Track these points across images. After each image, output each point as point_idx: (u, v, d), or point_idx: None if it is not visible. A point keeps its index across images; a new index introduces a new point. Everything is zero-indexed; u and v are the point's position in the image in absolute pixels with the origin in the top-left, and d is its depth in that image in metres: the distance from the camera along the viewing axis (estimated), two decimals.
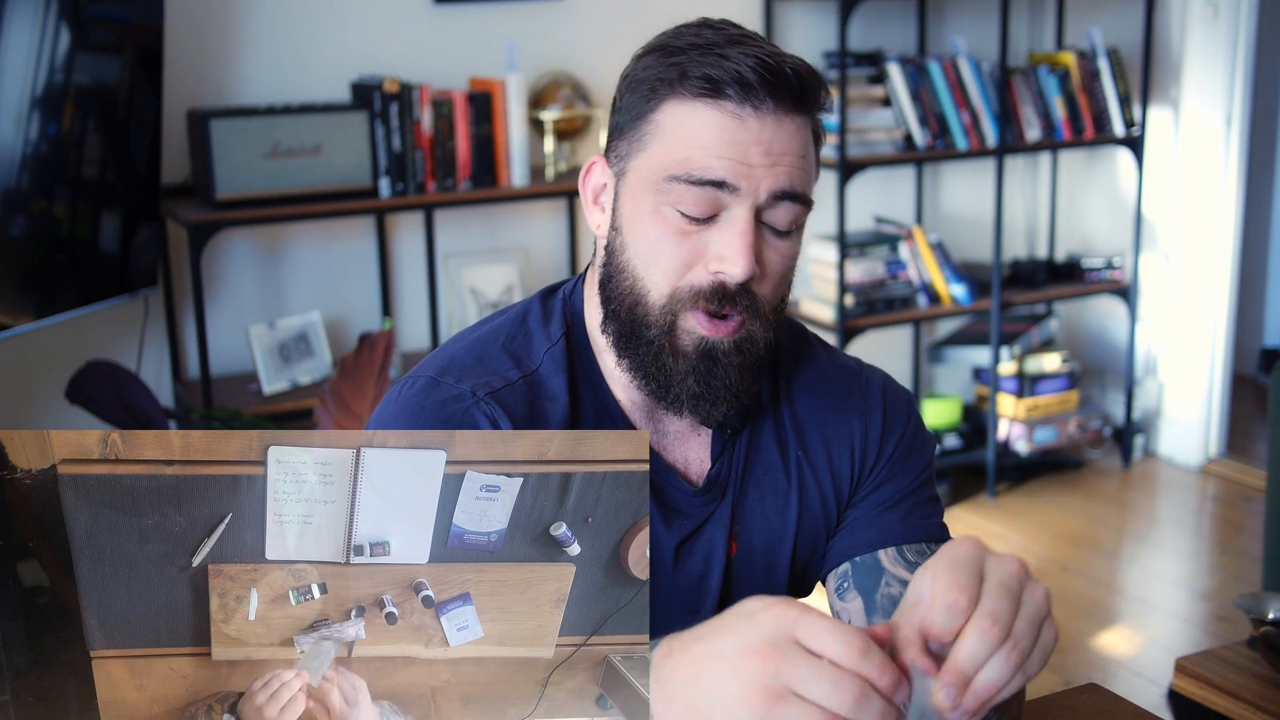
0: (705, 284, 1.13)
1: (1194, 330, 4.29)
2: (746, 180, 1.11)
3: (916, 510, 1.28)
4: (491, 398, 1.17)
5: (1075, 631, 3.29)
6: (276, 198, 3.16)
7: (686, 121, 1.12)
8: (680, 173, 1.11)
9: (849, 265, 3.87)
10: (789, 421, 1.27)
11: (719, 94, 1.10)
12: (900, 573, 1.23)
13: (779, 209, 1.13)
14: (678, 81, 1.12)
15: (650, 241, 1.14)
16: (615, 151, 1.18)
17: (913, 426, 1.31)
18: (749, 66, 1.10)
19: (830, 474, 1.27)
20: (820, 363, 1.31)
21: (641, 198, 1.14)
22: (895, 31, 4.21)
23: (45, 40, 2.78)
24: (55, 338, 3.18)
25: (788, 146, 1.12)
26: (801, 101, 1.13)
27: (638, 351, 1.16)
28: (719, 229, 1.12)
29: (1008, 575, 0.87)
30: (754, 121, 1.11)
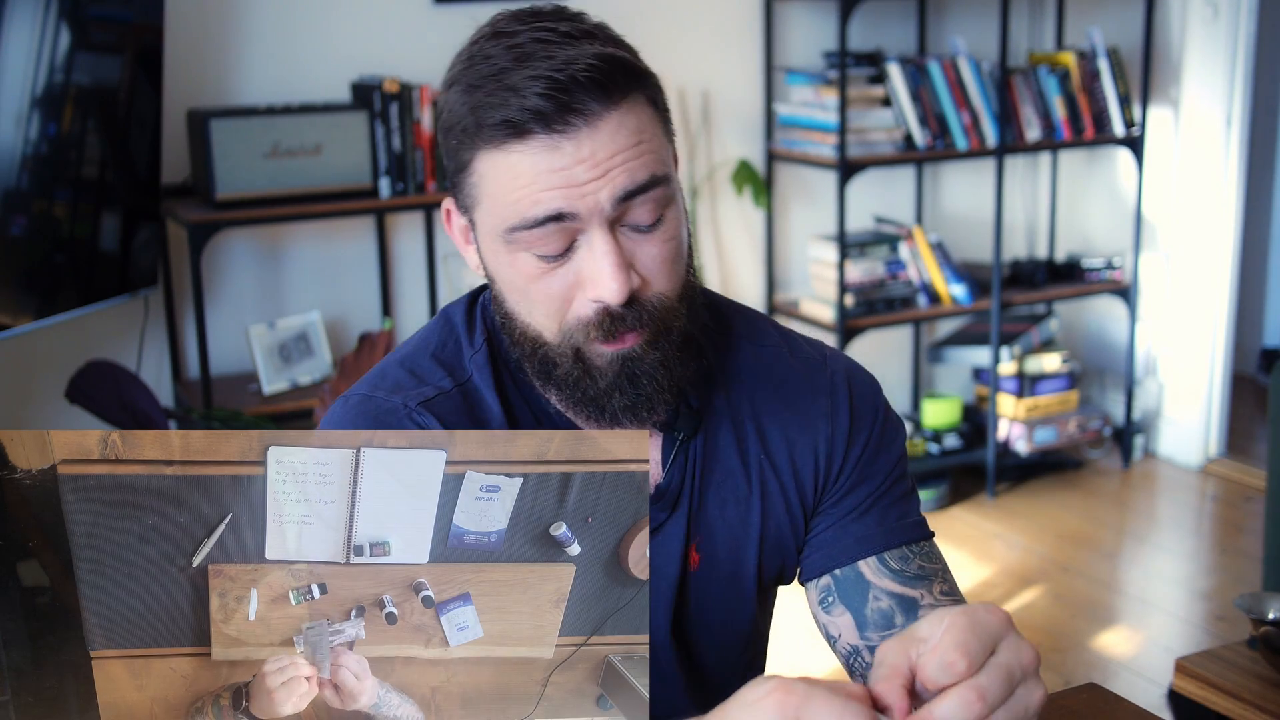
0: (590, 314, 1.09)
1: (1194, 330, 4.29)
2: (583, 201, 1.05)
3: (892, 511, 1.24)
4: (424, 407, 1.15)
5: (1075, 631, 3.29)
6: (276, 198, 3.16)
7: (502, 169, 1.07)
8: (516, 221, 1.07)
9: (849, 265, 3.87)
10: (749, 421, 1.23)
11: (523, 134, 1.05)
12: (886, 584, 1.21)
13: (633, 207, 1.08)
14: (478, 131, 1.06)
15: (520, 290, 1.11)
16: (458, 201, 1.14)
17: (881, 422, 1.27)
18: (538, 94, 1.03)
19: (794, 476, 1.23)
20: (780, 356, 1.26)
21: (496, 250, 1.11)
22: (895, 31, 4.21)
23: (45, 40, 2.78)
24: (55, 338, 3.18)
25: (613, 147, 1.06)
26: (608, 97, 1.05)
27: (558, 384, 1.14)
28: (583, 255, 1.08)
29: (1015, 662, 0.85)
30: (567, 143, 1.04)
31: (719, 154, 4.01)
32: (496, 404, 1.17)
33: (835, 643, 1.23)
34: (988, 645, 0.85)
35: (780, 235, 4.16)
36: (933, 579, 1.22)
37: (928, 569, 1.23)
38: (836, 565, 1.23)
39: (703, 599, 1.23)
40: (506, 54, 1.06)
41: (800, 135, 3.91)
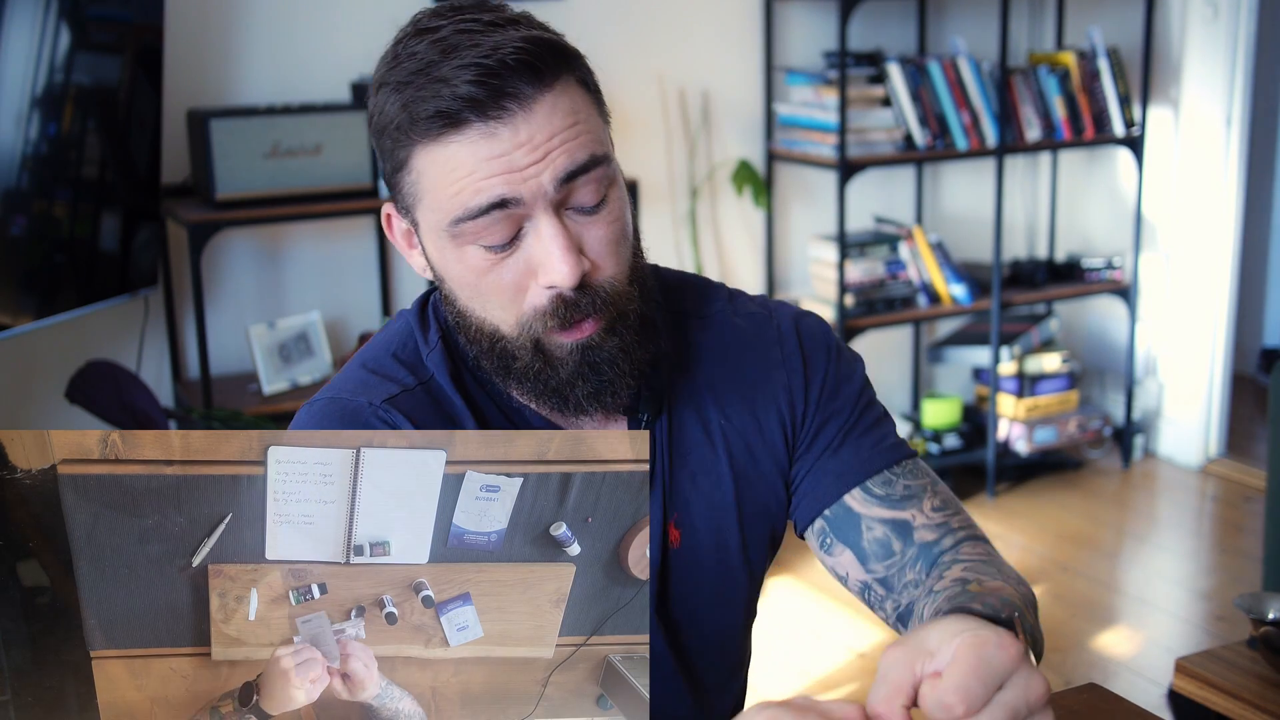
0: (545, 302, 1.09)
1: (1194, 330, 4.29)
2: (525, 186, 1.05)
3: (865, 439, 1.23)
4: (390, 404, 1.14)
5: (1075, 631, 3.29)
6: (276, 198, 3.16)
7: (440, 162, 1.06)
8: (460, 213, 1.06)
9: (849, 265, 3.87)
10: (705, 390, 1.23)
11: (458, 124, 1.04)
12: (875, 512, 1.20)
13: (576, 189, 1.07)
14: (411, 126, 1.06)
15: (471, 285, 1.10)
16: (399, 202, 1.13)
17: (834, 357, 1.26)
18: (469, 82, 1.03)
19: (760, 434, 1.23)
20: (725, 318, 1.26)
21: (443, 248, 1.10)
22: (895, 31, 4.21)
23: (45, 40, 2.78)
24: (55, 338, 3.18)
25: (551, 129, 1.05)
26: (539, 79, 1.05)
27: (519, 379, 1.13)
28: (531, 243, 1.08)
29: (1022, 700, 0.83)
30: (503, 129, 1.04)
31: (719, 154, 4.01)
32: (459, 400, 1.17)
33: (845, 581, 1.23)
34: (992, 685, 0.83)
35: (780, 235, 4.16)
36: (921, 496, 1.21)
37: (913, 487, 1.22)
38: (825, 506, 1.22)
39: (688, 576, 1.23)
40: (432, 48, 1.06)
41: (800, 135, 3.91)
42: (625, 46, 3.82)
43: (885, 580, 1.19)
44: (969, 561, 1.15)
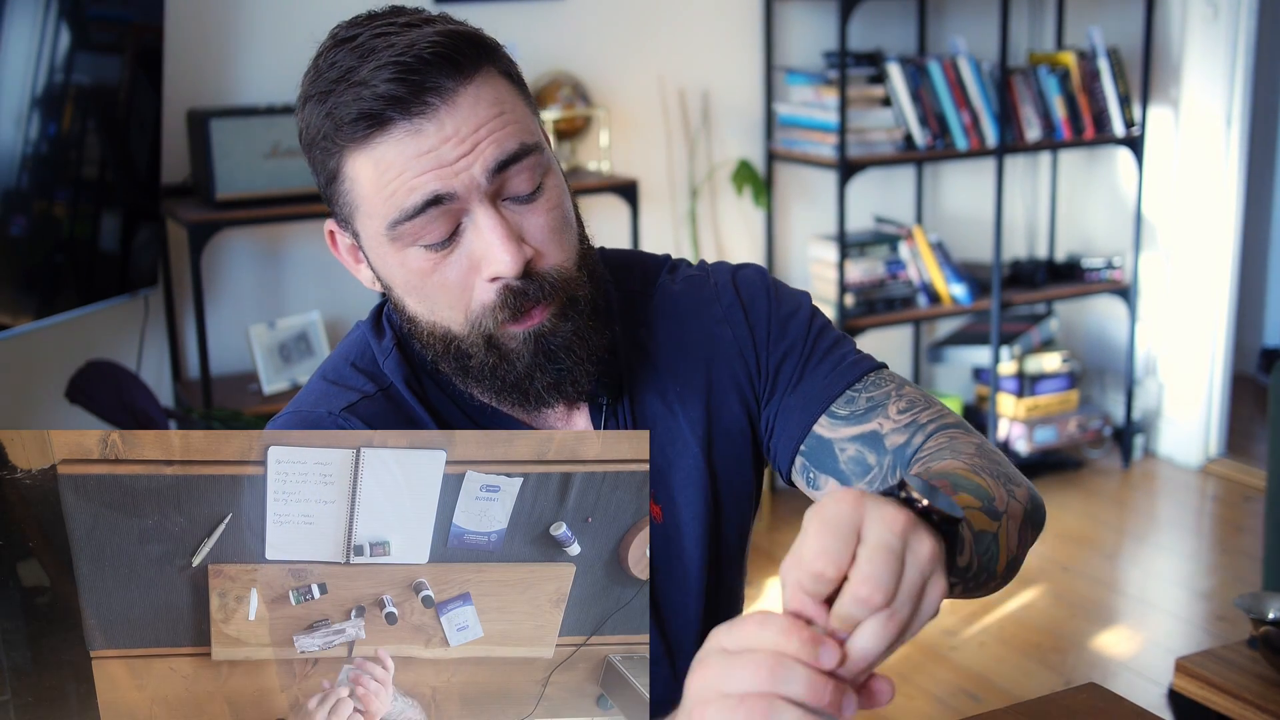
0: (492, 296, 1.08)
1: (1194, 330, 4.29)
2: (457, 180, 1.05)
3: (822, 366, 1.22)
4: (348, 412, 1.14)
5: (1075, 631, 3.29)
6: (276, 198, 3.16)
7: (370, 167, 1.06)
8: (395, 215, 1.06)
9: (849, 265, 3.87)
10: (658, 362, 1.23)
11: (382, 124, 1.04)
12: (843, 432, 1.19)
13: (509, 179, 1.07)
14: (336, 133, 1.06)
15: (417, 288, 1.10)
16: (337, 215, 1.13)
17: (774, 298, 1.25)
18: (389, 81, 1.03)
19: (717, 393, 1.23)
20: (665, 288, 1.26)
21: (385, 254, 1.10)
22: (895, 31, 4.21)
23: (45, 40, 2.78)
24: (55, 338, 3.18)
25: (477, 120, 1.05)
26: (459, 71, 1.05)
27: (477, 377, 1.13)
28: (470, 238, 1.07)
29: (888, 534, 0.80)
30: (429, 124, 1.04)
31: (719, 154, 4.01)
32: (419, 405, 1.17)
33: None
34: (850, 534, 0.80)
35: (780, 235, 4.16)
36: (885, 404, 1.20)
37: (876, 397, 1.20)
38: (798, 441, 1.21)
39: (673, 548, 1.22)
40: (350, 55, 1.06)
41: (800, 135, 3.91)
42: (625, 46, 3.82)
43: None
44: (928, 454, 1.13)
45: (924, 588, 0.81)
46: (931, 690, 3.01)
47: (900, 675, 3.06)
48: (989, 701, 2.94)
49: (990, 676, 3.06)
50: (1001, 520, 1.05)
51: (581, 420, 1.21)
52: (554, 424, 1.21)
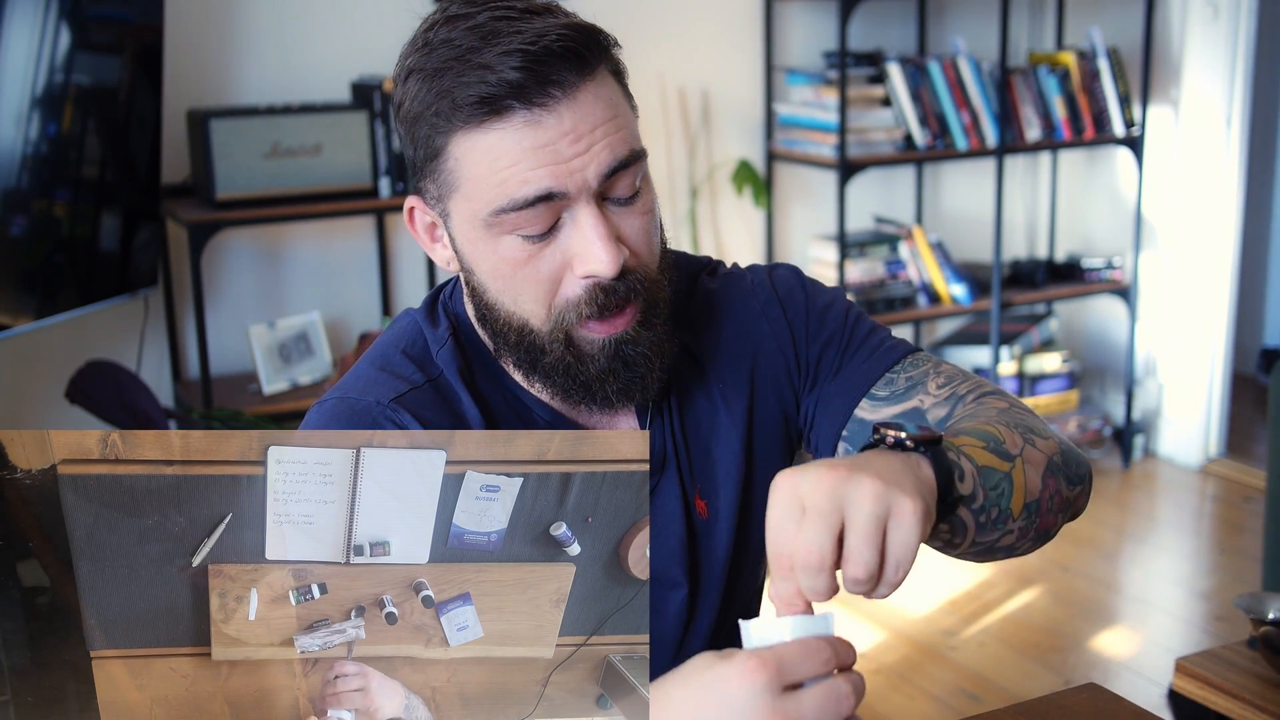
0: (581, 292, 1.08)
1: (1194, 330, 4.29)
2: (570, 178, 1.04)
3: (860, 352, 1.23)
4: (397, 403, 1.13)
5: (1075, 631, 3.29)
6: (276, 198, 3.16)
7: (483, 150, 1.04)
8: (504, 203, 1.05)
9: (849, 265, 3.87)
10: (701, 360, 1.24)
11: (502, 111, 1.03)
12: (884, 412, 1.20)
13: (615, 181, 1.07)
14: (452, 113, 1.04)
15: (506, 276, 1.09)
16: (427, 193, 1.12)
17: (809, 291, 1.27)
18: (514, 69, 1.02)
19: (757, 386, 1.24)
20: (707, 285, 1.27)
21: (476, 238, 1.09)
22: (895, 31, 4.21)
23: (45, 40, 2.78)
24: (55, 338, 3.18)
25: (594, 119, 1.05)
26: (584, 68, 1.05)
27: (547, 374, 1.13)
28: (569, 233, 1.07)
29: (867, 518, 0.86)
30: (549, 117, 1.03)
31: (719, 154, 4.01)
32: (468, 396, 1.16)
33: None
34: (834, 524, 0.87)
35: (780, 235, 4.16)
36: (924, 381, 1.21)
37: (915, 376, 1.22)
38: (840, 427, 1.22)
39: (718, 544, 1.23)
40: (469, 35, 1.04)
41: (800, 135, 3.91)
42: (625, 46, 3.80)
43: None
44: (956, 420, 1.15)
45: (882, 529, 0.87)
46: (931, 690, 3.01)
47: (900, 675, 3.06)
48: (989, 701, 2.94)
49: (990, 676, 3.06)
50: (1015, 462, 1.07)
51: (627, 420, 1.21)
52: (601, 423, 1.21)
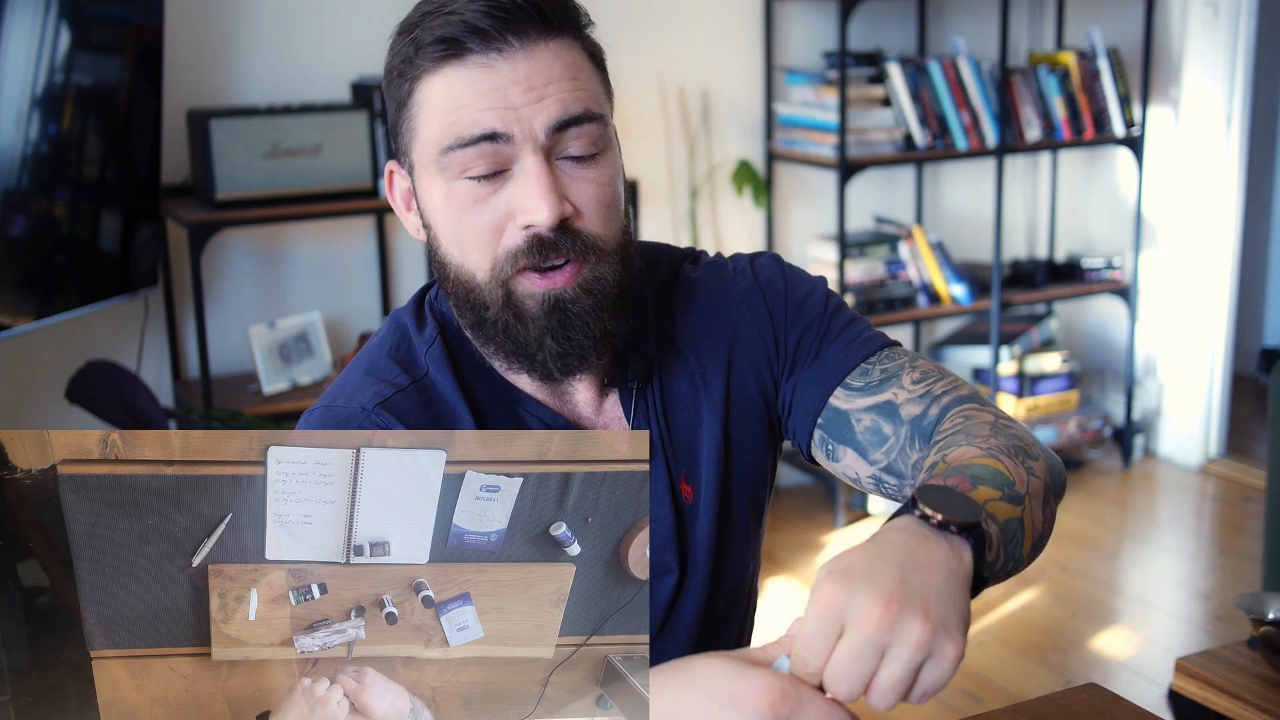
0: (520, 242, 1.09)
1: (1194, 330, 4.29)
2: (517, 124, 1.07)
3: (838, 341, 1.24)
4: (382, 408, 1.14)
5: (1075, 631, 3.29)
6: (276, 198, 3.16)
7: (439, 90, 1.09)
8: (450, 140, 1.08)
9: (849, 265, 3.87)
10: (682, 345, 1.25)
11: (460, 51, 1.07)
12: (859, 403, 1.20)
13: (569, 138, 1.09)
14: (416, 56, 1.09)
15: (454, 223, 1.11)
16: (399, 149, 1.16)
17: (790, 278, 1.28)
18: (477, 12, 1.06)
19: (736, 371, 1.25)
20: (688, 274, 1.28)
21: (431, 183, 1.12)
22: (895, 31, 4.21)
23: (45, 40, 2.78)
24: (55, 338, 3.18)
25: (549, 74, 1.08)
26: (547, 25, 1.09)
27: (490, 335, 1.14)
28: (514, 184, 1.09)
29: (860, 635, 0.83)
30: (503, 63, 1.07)
31: (719, 154, 4.01)
32: (455, 393, 1.17)
33: (859, 483, 1.24)
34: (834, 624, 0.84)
35: (780, 235, 4.16)
36: (899, 375, 1.22)
37: (890, 369, 1.22)
38: (816, 414, 1.23)
39: (704, 527, 1.23)
40: None
41: (800, 135, 3.91)
42: (625, 46, 3.82)
43: (890, 467, 1.19)
44: (946, 435, 1.14)
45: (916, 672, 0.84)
46: None
47: None
48: (989, 701, 2.94)
49: (990, 676, 3.06)
50: (1024, 503, 1.05)
51: (611, 405, 1.23)
52: (585, 409, 1.22)
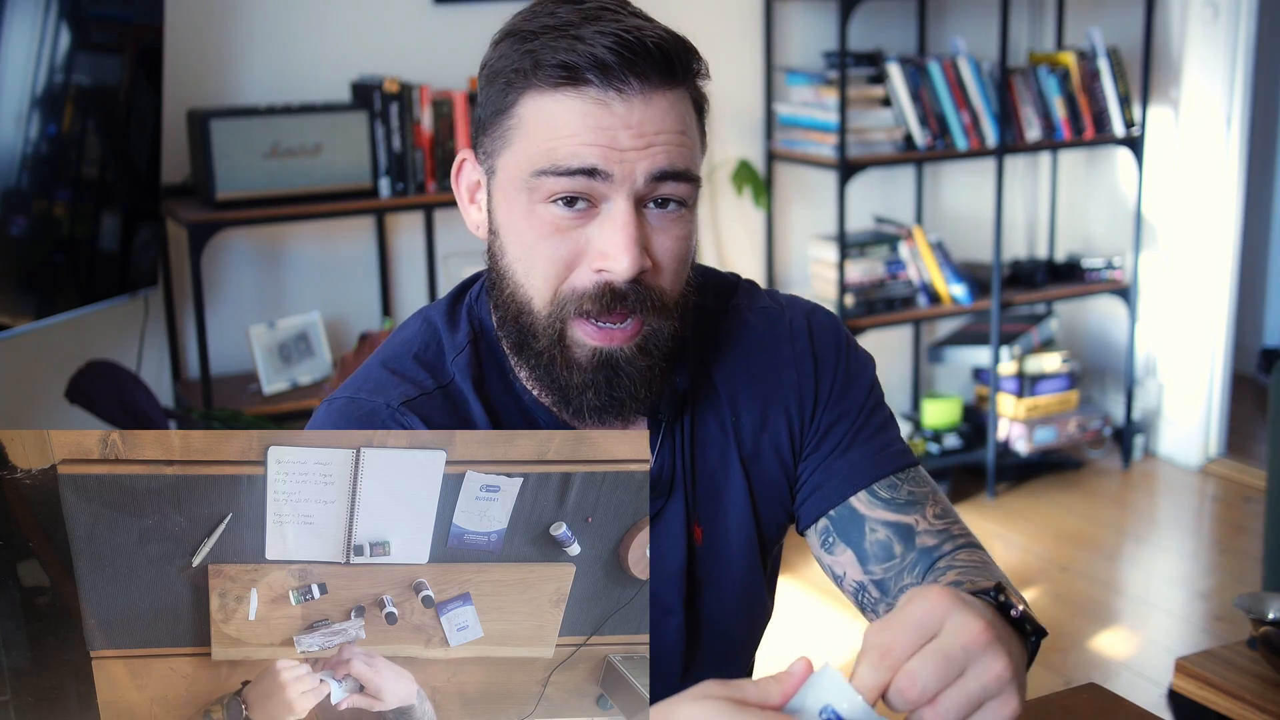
0: (589, 285, 1.07)
1: (1194, 330, 4.29)
2: (619, 166, 1.05)
3: (873, 442, 1.23)
4: (407, 407, 1.13)
5: (1075, 631, 3.29)
6: (276, 198, 3.16)
7: (547, 112, 1.06)
8: (547, 165, 1.06)
9: (849, 265, 3.87)
10: (721, 387, 1.22)
11: (578, 80, 1.05)
12: (879, 514, 1.20)
13: (662, 189, 1.08)
14: (532, 72, 1.06)
15: (527, 244, 1.09)
16: (483, 148, 1.13)
17: (845, 356, 1.26)
18: (606, 47, 1.03)
19: (768, 429, 1.23)
20: (741, 313, 1.25)
21: (514, 197, 1.09)
22: (895, 31, 4.20)
23: (45, 40, 2.78)
24: (55, 338, 3.18)
25: (661, 124, 1.06)
26: (670, 75, 1.07)
27: (530, 362, 1.12)
28: (598, 223, 1.07)
29: (956, 643, 0.84)
30: (619, 104, 1.05)
31: (719, 154, 4.01)
32: (478, 406, 1.15)
33: (841, 581, 1.23)
34: (925, 629, 0.85)
35: (780, 235, 4.16)
36: (924, 503, 1.22)
37: (918, 494, 1.22)
38: (830, 506, 1.22)
39: (712, 569, 1.23)
40: (574, 12, 1.07)
41: (800, 135, 3.91)
42: None
43: (882, 583, 1.19)
44: (964, 566, 1.16)
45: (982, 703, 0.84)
46: None
47: None
48: None
49: None
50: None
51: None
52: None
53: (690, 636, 1.23)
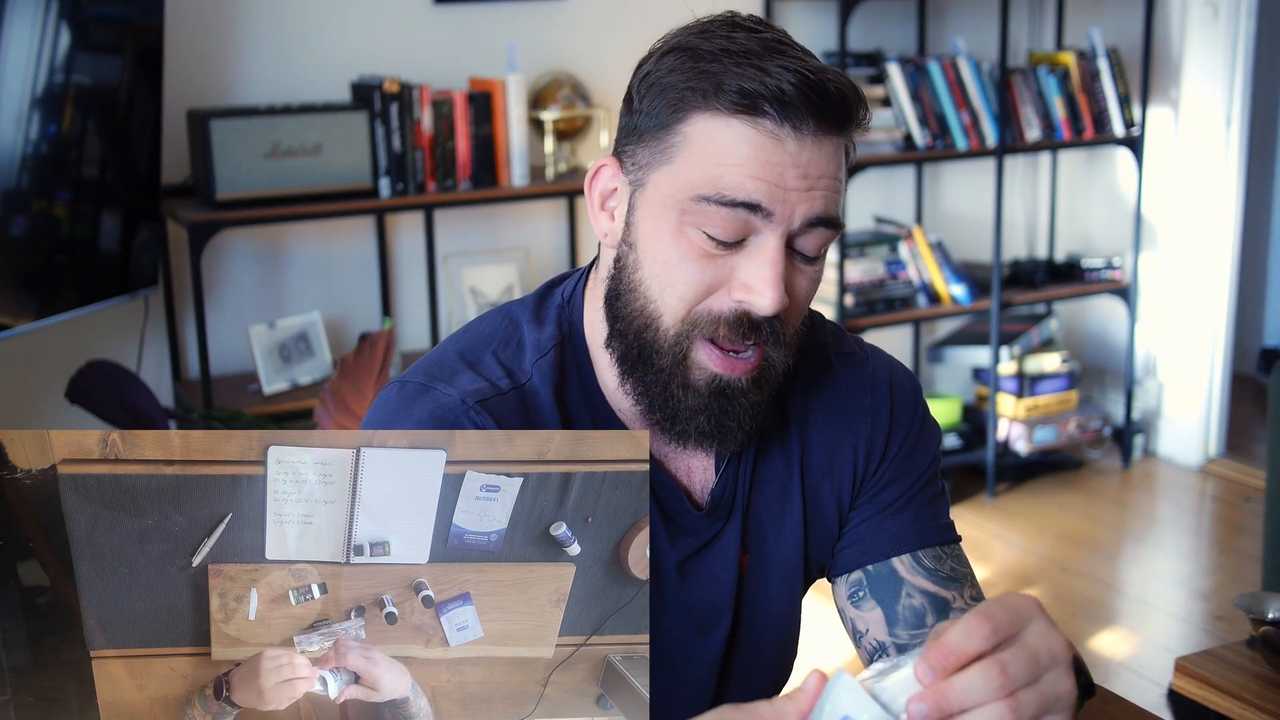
0: (727, 311, 1.07)
1: (1194, 330, 4.29)
2: (781, 205, 1.04)
3: (926, 510, 1.24)
4: (481, 406, 1.11)
5: (1075, 631, 3.29)
6: (276, 198, 3.16)
7: (719, 138, 1.04)
8: (710, 192, 1.04)
9: (849, 265, 3.87)
10: (793, 421, 1.22)
11: (756, 111, 1.03)
12: (920, 582, 1.20)
13: (811, 235, 1.07)
14: (711, 94, 1.04)
15: (669, 263, 1.07)
16: (632, 159, 1.10)
17: (919, 421, 1.27)
18: (791, 83, 1.02)
19: (832, 473, 1.23)
20: (826, 353, 1.25)
21: (663, 215, 1.07)
22: (895, 31, 4.21)
23: (45, 40, 2.77)
24: (55, 338, 3.18)
25: (825, 169, 1.06)
26: (844, 122, 1.06)
27: (644, 379, 1.11)
28: (747, 255, 1.06)
29: (1044, 647, 0.83)
30: (792, 143, 1.04)
31: None
32: (552, 410, 1.14)
33: (861, 638, 1.23)
34: (1015, 623, 0.83)
35: None
36: (964, 582, 1.22)
37: (959, 572, 1.23)
38: (870, 560, 1.22)
39: (753, 596, 1.23)
40: (753, 42, 1.06)
41: None
42: (625, 46, 3.82)
43: (902, 648, 1.19)
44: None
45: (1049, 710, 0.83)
46: None
47: None
48: None
49: None
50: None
51: (702, 458, 1.20)
52: (674, 452, 1.18)
53: (725, 662, 1.23)
